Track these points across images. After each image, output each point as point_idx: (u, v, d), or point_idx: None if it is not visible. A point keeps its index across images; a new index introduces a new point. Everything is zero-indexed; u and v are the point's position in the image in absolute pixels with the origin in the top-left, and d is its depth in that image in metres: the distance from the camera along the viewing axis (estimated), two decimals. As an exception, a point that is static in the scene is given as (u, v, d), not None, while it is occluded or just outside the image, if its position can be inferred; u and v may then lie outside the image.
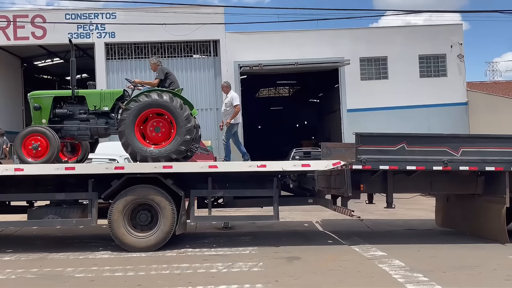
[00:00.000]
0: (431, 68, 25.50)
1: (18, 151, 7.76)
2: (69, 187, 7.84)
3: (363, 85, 24.99)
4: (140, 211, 7.45)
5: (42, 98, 8.17)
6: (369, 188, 8.19)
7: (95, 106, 8.10)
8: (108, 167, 7.61)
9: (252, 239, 8.56)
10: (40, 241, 8.61)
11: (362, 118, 24.22)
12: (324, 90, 33.70)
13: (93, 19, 23.32)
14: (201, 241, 8.32)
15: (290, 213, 11.46)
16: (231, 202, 8.27)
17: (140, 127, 7.77)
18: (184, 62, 24.19)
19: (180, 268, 6.30)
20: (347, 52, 24.38)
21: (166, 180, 7.47)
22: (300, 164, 7.84)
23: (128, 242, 7.34)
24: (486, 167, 7.67)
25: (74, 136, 8.26)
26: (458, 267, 6.28)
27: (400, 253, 7.02)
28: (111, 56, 23.99)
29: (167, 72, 8.36)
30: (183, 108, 7.75)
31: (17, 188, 7.81)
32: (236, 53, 23.88)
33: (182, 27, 22.29)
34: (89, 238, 8.74)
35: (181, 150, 7.77)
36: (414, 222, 10.58)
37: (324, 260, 6.74)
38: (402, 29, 26.18)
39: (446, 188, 8.36)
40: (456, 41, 25.26)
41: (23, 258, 7.05)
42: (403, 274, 5.84)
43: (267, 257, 6.92)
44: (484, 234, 8.16)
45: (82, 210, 7.62)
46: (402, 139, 7.78)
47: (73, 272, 6.17)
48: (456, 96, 25.19)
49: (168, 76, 8.30)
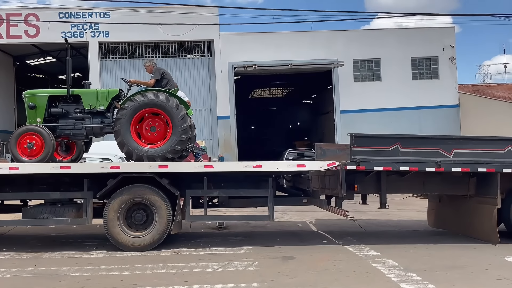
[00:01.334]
0: (423, 70, 25.70)
1: (13, 149, 7.71)
2: (64, 186, 7.83)
3: (356, 86, 25.13)
4: (136, 210, 7.46)
5: (37, 97, 8.14)
6: (363, 188, 8.26)
7: (91, 105, 8.09)
8: (104, 167, 7.59)
9: (247, 239, 8.60)
10: (35, 240, 8.58)
11: (355, 119, 24.37)
12: (318, 91, 33.83)
13: (87, 18, 23.24)
14: (196, 240, 8.34)
15: (284, 213, 11.52)
16: (226, 202, 8.29)
17: (136, 127, 7.78)
18: (178, 62, 24.18)
19: (176, 267, 6.32)
20: (340, 54, 24.52)
21: (162, 180, 7.48)
22: (295, 165, 7.88)
23: (123, 242, 7.35)
24: (478, 168, 7.77)
25: (69, 135, 8.22)
26: (450, 267, 6.36)
27: (394, 253, 7.10)
28: (104, 56, 23.91)
29: (163, 72, 8.36)
30: (179, 108, 7.76)
31: (12, 187, 7.79)
32: (231, 53, 23.91)
33: (176, 27, 22.29)
34: (84, 238, 8.72)
35: (177, 150, 7.79)
36: (406, 222, 10.69)
37: (319, 260, 6.80)
38: (395, 32, 26.39)
39: (439, 189, 8.47)
40: (448, 44, 25.50)
41: (17, 257, 7.03)
42: (397, 274, 5.91)
43: (262, 257, 6.96)
44: (476, 235, 8.28)
45: (77, 209, 7.61)
46: (396, 140, 7.85)
47: (68, 271, 6.17)
48: (448, 98, 25.42)
49: (164, 76, 8.30)
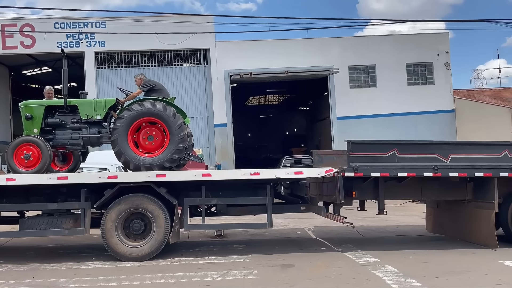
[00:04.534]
0: (418, 76, 25.89)
1: (10, 160, 7.68)
2: (62, 196, 7.79)
3: (352, 93, 25.27)
4: (133, 220, 7.43)
5: (34, 107, 8.13)
6: (361, 195, 8.26)
7: (88, 115, 8.08)
8: (101, 177, 7.57)
9: (246, 247, 8.57)
10: (32, 251, 8.52)
11: (352, 125, 24.47)
12: (314, 98, 33.99)
13: (82, 28, 23.33)
14: (195, 249, 8.31)
15: (282, 220, 11.50)
16: (224, 210, 8.27)
17: (133, 136, 7.78)
18: (174, 70, 24.25)
19: (175, 277, 6.29)
20: (336, 61, 24.68)
21: (160, 189, 7.46)
22: (293, 172, 7.88)
23: (122, 252, 7.30)
24: (475, 173, 7.80)
25: (66, 146, 8.21)
26: (450, 272, 6.36)
27: (393, 259, 7.09)
28: (101, 65, 23.97)
29: (153, 84, 8.31)
30: (176, 116, 7.77)
31: (9, 198, 7.75)
32: (226, 61, 24.02)
33: (172, 36, 22.39)
34: (81, 248, 8.67)
35: (174, 159, 7.79)
36: (405, 228, 10.69)
37: (318, 267, 6.79)
38: (389, 38, 26.60)
39: (436, 194, 8.48)
40: (443, 50, 25.74)
41: (15, 269, 6.97)
42: (396, 280, 5.91)
43: (261, 265, 6.93)
44: (474, 239, 8.28)
45: (75, 219, 7.57)
46: (393, 146, 7.87)
47: (66, 282, 6.12)
48: (444, 104, 25.59)
49: (153, 88, 8.23)
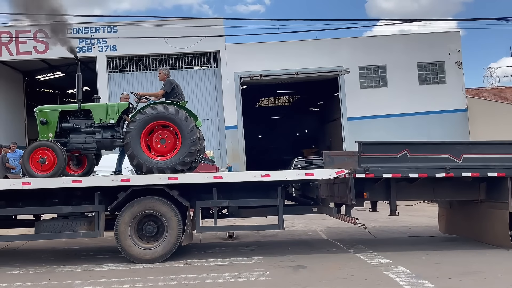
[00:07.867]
0: (430, 75, 25.66)
1: (26, 165, 7.84)
2: (76, 199, 7.91)
3: (363, 93, 25.15)
4: (146, 222, 7.52)
5: (49, 112, 8.28)
6: (372, 196, 8.24)
7: (101, 119, 8.21)
8: (115, 180, 7.66)
9: (257, 248, 8.61)
10: (47, 254, 8.67)
11: (363, 126, 24.35)
12: (324, 98, 33.89)
13: (94, 33, 23.61)
14: (207, 251, 8.38)
15: (294, 222, 11.52)
16: (236, 212, 8.34)
17: (145, 139, 7.88)
18: (185, 73, 24.42)
19: (188, 278, 6.35)
20: (346, 61, 24.58)
21: (172, 191, 7.54)
22: (304, 173, 7.90)
23: (135, 254, 7.40)
24: (488, 173, 7.74)
25: (81, 149, 8.33)
26: (463, 273, 6.33)
27: (405, 260, 7.07)
28: (112, 69, 24.23)
29: (175, 86, 8.43)
30: (188, 120, 7.86)
31: (24, 201, 7.89)
32: (236, 64, 24.11)
33: (182, 40, 22.53)
34: (96, 251, 8.80)
35: (186, 162, 7.86)
36: (417, 229, 10.63)
37: (330, 268, 6.80)
38: (400, 37, 26.41)
39: (449, 195, 8.43)
40: (454, 48, 25.48)
41: (31, 272, 7.10)
42: (409, 281, 5.89)
43: (273, 266, 6.97)
44: (488, 240, 8.22)
45: (89, 222, 7.70)
46: (404, 147, 7.85)
47: (81, 284, 6.22)
48: (456, 103, 25.33)
49: (174, 89, 8.38)
